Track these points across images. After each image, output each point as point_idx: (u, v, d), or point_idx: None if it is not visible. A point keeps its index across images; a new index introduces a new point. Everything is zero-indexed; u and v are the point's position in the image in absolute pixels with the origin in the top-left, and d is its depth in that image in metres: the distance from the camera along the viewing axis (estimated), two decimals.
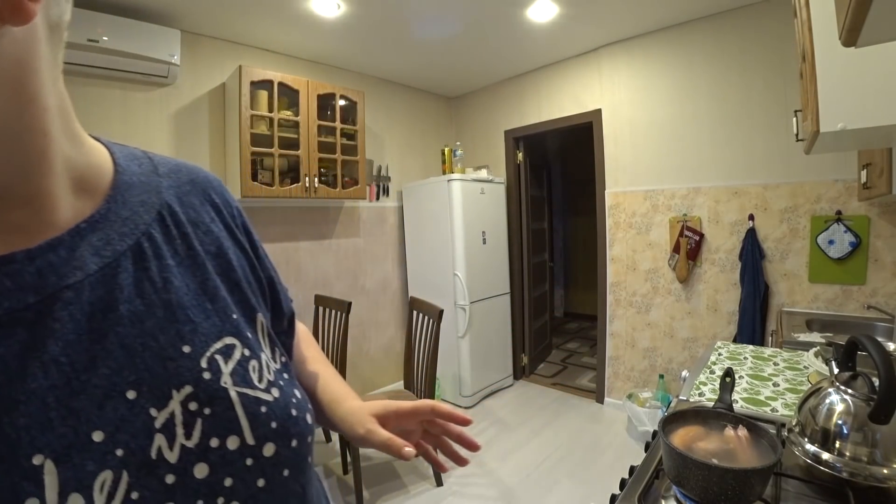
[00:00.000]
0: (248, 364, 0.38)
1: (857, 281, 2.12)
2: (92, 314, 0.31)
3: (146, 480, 0.30)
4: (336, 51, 2.88)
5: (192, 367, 0.34)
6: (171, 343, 0.34)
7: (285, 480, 0.37)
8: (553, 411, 3.07)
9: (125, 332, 0.32)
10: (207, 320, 0.37)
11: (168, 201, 0.39)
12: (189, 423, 0.33)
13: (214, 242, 0.41)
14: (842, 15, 0.54)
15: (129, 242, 0.34)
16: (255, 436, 0.35)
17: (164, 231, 0.37)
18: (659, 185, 2.76)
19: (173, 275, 0.36)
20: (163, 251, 0.36)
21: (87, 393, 0.29)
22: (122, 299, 0.32)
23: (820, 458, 0.72)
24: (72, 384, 0.29)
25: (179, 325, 0.35)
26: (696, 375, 1.34)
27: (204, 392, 0.34)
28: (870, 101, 0.90)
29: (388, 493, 2.18)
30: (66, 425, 0.28)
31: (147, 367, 0.32)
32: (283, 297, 0.49)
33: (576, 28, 2.67)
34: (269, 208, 2.78)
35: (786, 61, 2.24)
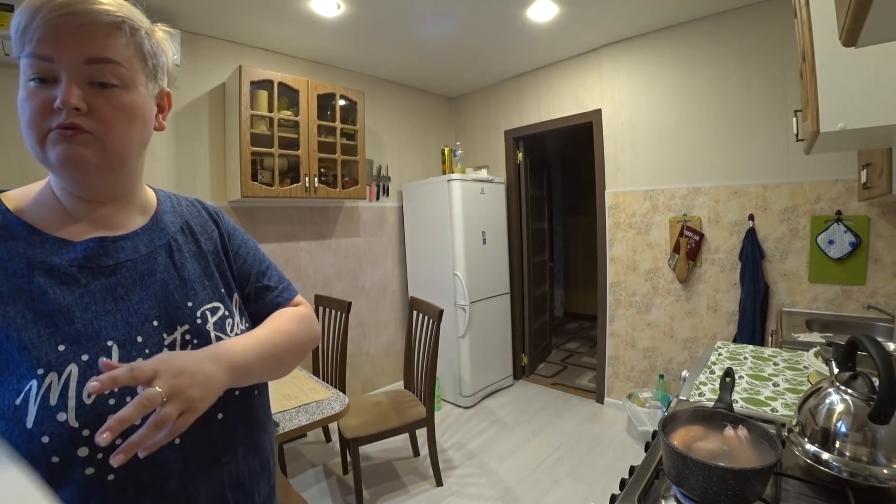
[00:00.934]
0: (226, 321, 0.62)
1: (857, 281, 2.12)
2: (142, 275, 0.57)
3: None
4: (336, 51, 2.88)
5: (191, 315, 0.59)
6: (181, 298, 0.59)
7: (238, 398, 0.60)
8: (553, 411, 3.07)
9: (160, 288, 0.57)
10: (204, 290, 0.62)
11: (187, 220, 0.66)
12: (184, 346, 0.57)
13: (213, 246, 0.68)
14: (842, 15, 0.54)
15: (163, 241, 0.61)
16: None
17: (184, 238, 0.64)
18: (659, 185, 2.76)
19: (188, 262, 0.62)
20: (182, 249, 0.63)
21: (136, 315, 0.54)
22: (158, 271, 0.58)
23: (820, 458, 0.71)
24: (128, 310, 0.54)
25: (187, 290, 0.60)
26: (696, 375, 1.34)
27: (195, 330, 0.58)
28: (870, 101, 0.90)
29: (387, 492, 2.18)
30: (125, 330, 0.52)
31: (166, 309, 0.57)
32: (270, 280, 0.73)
33: (576, 28, 2.67)
34: (269, 208, 2.78)
35: (786, 61, 2.24)
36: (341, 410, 1.54)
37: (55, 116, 0.48)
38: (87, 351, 0.48)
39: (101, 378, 0.41)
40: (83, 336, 0.49)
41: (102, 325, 0.51)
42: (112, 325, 0.51)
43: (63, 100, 0.47)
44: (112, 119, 0.50)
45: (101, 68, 0.49)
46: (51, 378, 0.45)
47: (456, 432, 2.82)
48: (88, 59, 0.48)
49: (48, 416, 0.44)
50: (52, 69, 0.47)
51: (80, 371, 0.47)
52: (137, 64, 0.54)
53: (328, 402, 1.59)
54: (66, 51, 0.47)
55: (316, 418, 1.48)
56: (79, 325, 0.49)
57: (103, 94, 0.50)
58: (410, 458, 2.50)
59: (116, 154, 0.52)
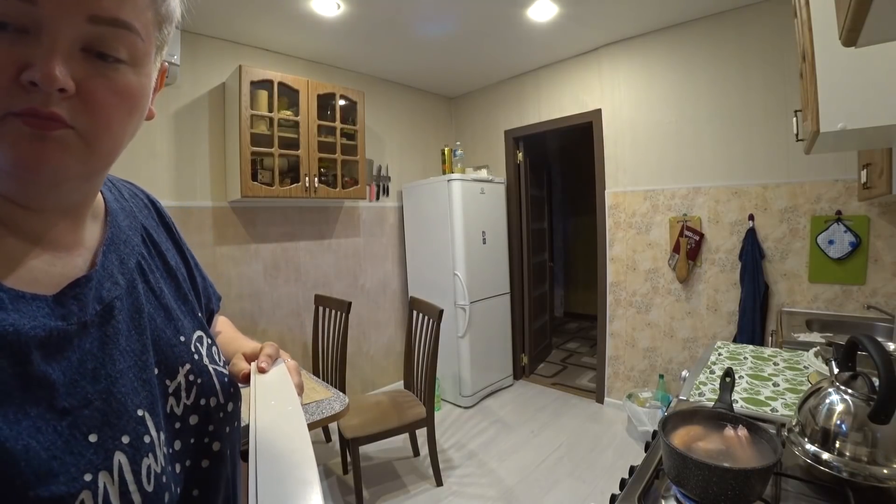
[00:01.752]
0: (212, 349, 0.52)
1: (857, 281, 2.12)
2: (132, 315, 0.42)
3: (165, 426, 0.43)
4: (336, 51, 2.88)
5: (186, 352, 0.47)
6: (173, 334, 0.47)
7: (237, 429, 0.53)
8: (553, 411, 3.07)
9: (151, 326, 0.44)
10: (185, 318, 0.50)
11: (143, 224, 0.50)
12: (189, 388, 0.46)
13: (174, 256, 0.53)
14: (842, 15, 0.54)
15: (134, 262, 0.45)
16: (224, 397, 0.50)
17: (148, 251, 0.49)
18: (659, 184, 2.76)
19: (163, 283, 0.49)
20: (152, 266, 0.48)
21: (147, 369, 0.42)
22: (143, 304, 0.44)
23: (820, 458, 0.72)
24: (138, 363, 0.41)
25: (174, 322, 0.47)
26: (696, 375, 1.34)
27: (196, 367, 0.48)
28: (870, 101, 0.90)
29: (387, 492, 2.18)
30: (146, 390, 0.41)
31: (163, 351, 0.45)
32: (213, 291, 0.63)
33: (576, 28, 2.67)
34: (269, 208, 2.78)
35: (786, 61, 2.24)
36: (341, 410, 1.54)
37: (20, 93, 0.30)
38: (125, 431, 0.37)
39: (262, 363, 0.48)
40: (111, 414, 0.36)
41: (123, 391, 0.38)
42: (130, 387, 0.39)
43: (45, 74, 0.29)
44: (109, 110, 0.34)
45: (109, 33, 0.32)
46: (103, 479, 0.34)
47: (456, 432, 2.82)
48: (93, 17, 0.31)
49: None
50: (31, 14, 0.29)
51: (129, 458, 0.36)
52: (153, 32, 0.37)
53: (328, 402, 1.59)
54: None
55: (316, 418, 1.48)
56: (97, 402, 0.36)
57: (103, 72, 0.33)
58: (410, 458, 2.50)
59: (103, 159, 0.36)
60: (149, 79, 0.38)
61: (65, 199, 0.38)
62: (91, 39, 0.32)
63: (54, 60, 0.30)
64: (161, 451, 0.40)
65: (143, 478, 0.37)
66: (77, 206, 0.40)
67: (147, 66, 0.37)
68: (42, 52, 0.30)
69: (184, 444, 0.45)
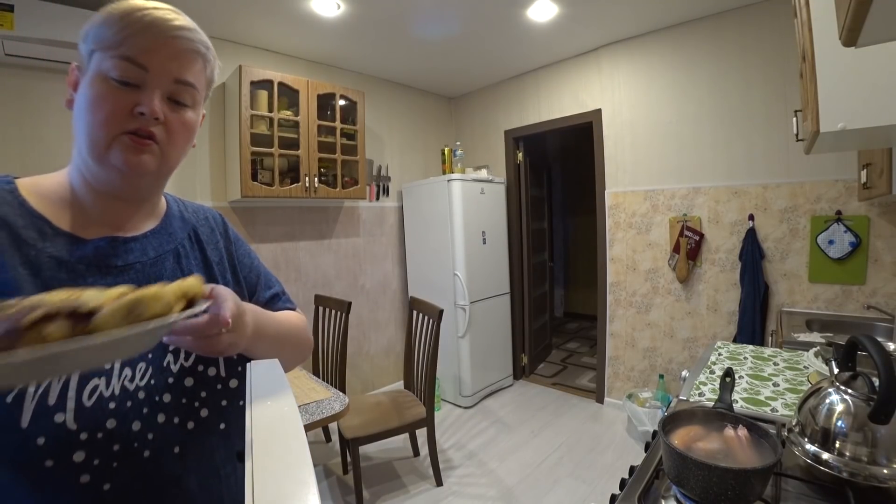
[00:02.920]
0: None
1: (857, 281, 2.12)
2: (155, 277, 0.56)
3: (158, 375, 0.53)
4: (336, 51, 2.88)
5: None
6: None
7: (240, 408, 0.58)
8: (553, 411, 3.07)
9: None
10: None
11: (195, 227, 0.67)
12: (188, 352, 0.56)
13: (219, 256, 0.68)
14: (842, 15, 0.54)
15: (171, 247, 0.61)
16: (226, 371, 0.58)
17: (191, 245, 0.64)
18: (659, 185, 2.76)
19: (193, 268, 0.62)
20: (189, 256, 0.63)
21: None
22: (164, 276, 0.57)
23: (820, 458, 0.71)
24: None
25: None
26: (696, 375, 1.34)
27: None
28: (870, 101, 0.90)
29: (387, 492, 2.18)
30: None
31: None
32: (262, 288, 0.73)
33: (576, 28, 2.67)
34: (269, 208, 2.78)
35: (786, 61, 2.24)
36: (341, 410, 1.54)
37: (131, 120, 0.49)
38: None
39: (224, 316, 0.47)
40: None
41: None
42: None
43: (150, 109, 0.49)
44: (178, 134, 0.54)
45: (183, 89, 0.53)
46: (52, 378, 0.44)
47: (456, 432, 2.82)
48: (177, 80, 0.52)
49: (45, 416, 0.43)
50: (142, 77, 0.49)
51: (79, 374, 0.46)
52: (203, 89, 0.58)
53: (328, 402, 1.59)
54: (163, 67, 0.50)
55: (316, 418, 1.48)
56: None
57: (176, 111, 0.53)
58: (410, 458, 2.50)
59: (170, 166, 0.55)
60: (198, 117, 0.58)
61: (142, 193, 0.57)
62: (174, 92, 0.53)
63: (155, 101, 0.50)
64: (120, 383, 0.49)
65: (86, 392, 0.46)
66: (144, 200, 0.59)
67: (198, 109, 0.58)
68: (147, 97, 0.50)
69: (174, 399, 0.53)
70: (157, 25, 0.49)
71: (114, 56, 0.48)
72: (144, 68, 0.49)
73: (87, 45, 0.50)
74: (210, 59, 0.57)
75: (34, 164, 2.00)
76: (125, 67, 0.48)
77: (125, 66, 0.48)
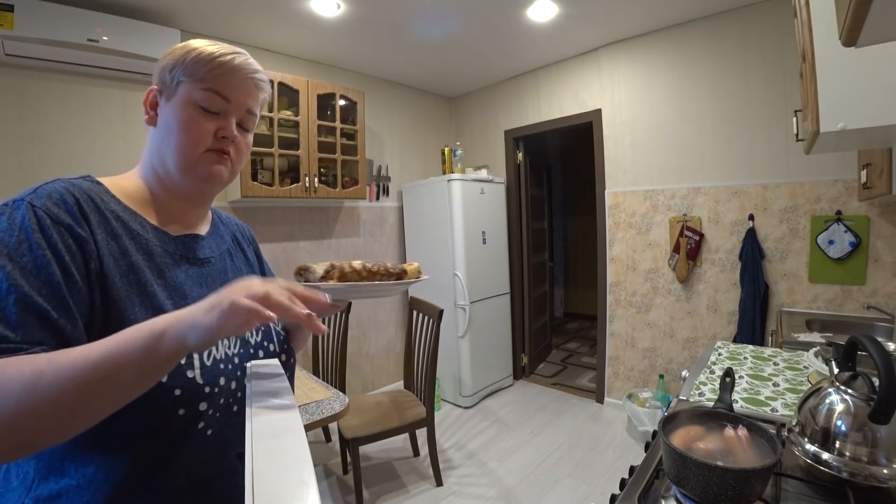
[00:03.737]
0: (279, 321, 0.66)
1: (857, 281, 2.12)
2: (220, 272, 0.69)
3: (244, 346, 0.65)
4: (336, 51, 2.88)
5: None
6: None
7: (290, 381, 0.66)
8: (553, 411, 3.07)
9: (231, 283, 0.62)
10: None
11: (234, 233, 0.80)
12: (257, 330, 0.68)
13: (253, 259, 0.82)
14: (842, 15, 0.54)
15: (226, 247, 0.74)
16: (278, 347, 0.71)
17: (235, 247, 0.77)
18: (659, 185, 2.76)
19: (242, 266, 0.76)
20: (237, 255, 0.76)
21: None
22: (228, 269, 0.71)
23: (820, 458, 0.71)
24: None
25: None
26: (696, 375, 1.34)
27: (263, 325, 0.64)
28: (870, 101, 0.90)
29: (387, 492, 2.18)
30: None
31: None
32: None
33: (576, 28, 2.67)
34: (269, 208, 2.78)
35: (786, 61, 2.24)
36: (341, 410, 1.54)
37: (214, 140, 0.62)
38: None
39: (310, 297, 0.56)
40: None
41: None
42: None
43: (230, 133, 0.62)
44: (242, 152, 0.67)
45: (250, 118, 0.66)
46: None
47: (456, 432, 2.82)
48: (249, 110, 0.65)
49: (179, 372, 0.53)
50: (223, 107, 0.62)
51: None
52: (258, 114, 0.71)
53: (328, 402, 1.59)
54: (241, 100, 0.63)
55: (316, 418, 1.48)
56: (191, 300, 0.56)
57: (243, 134, 0.66)
58: (410, 458, 2.50)
59: (234, 176, 0.68)
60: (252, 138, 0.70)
61: (209, 198, 0.69)
62: (244, 120, 0.65)
63: (232, 127, 0.63)
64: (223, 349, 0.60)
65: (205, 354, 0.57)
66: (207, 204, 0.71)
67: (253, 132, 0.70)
68: (229, 123, 0.62)
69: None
70: (243, 69, 0.62)
71: (204, 88, 0.60)
72: (228, 100, 0.62)
73: (174, 74, 0.60)
74: (268, 91, 0.69)
75: (33, 163, 2.00)
76: (214, 99, 0.61)
77: (214, 99, 0.61)
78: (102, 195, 0.57)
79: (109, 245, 0.54)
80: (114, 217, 0.56)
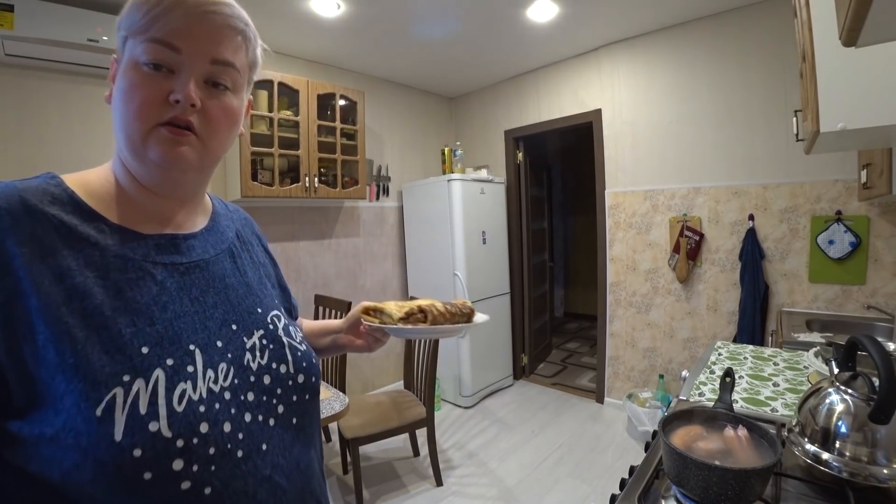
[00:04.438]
0: (290, 327, 0.61)
1: (857, 281, 2.12)
2: (216, 277, 0.55)
3: (240, 374, 0.50)
4: (336, 51, 2.88)
5: (262, 321, 0.56)
6: (251, 305, 0.57)
7: (307, 402, 0.58)
8: (553, 411, 3.07)
9: (231, 293, 0.55)
10: (266, 298, 0.61)
11: (237, 227, 0.65)
12: (262, 350, 0.54)
13: (260, 257, 0.67)
14: (842, 15, 0.54)
15: (225, 246, 0.60)
16: (294, 367, 0.56)
17: (240, 243, 0.63)
18: (659, 185, 2.76)
19: (247, 268, 0.61)
20: (241, 255, 0.62)
21: (212, 320, 0.51)
22: (227, 275, 0.56)
23: (820, 458, 0.71)
24: (204, 313, 0.50)
25: (253, 297, 0.58)
26: (696, 375, 1.34)
27: (269, 335, 0.56)
28: (870, 101, 0.90)
29: (387, 492, 2.18)
30: (204, 334, 0.49)
31: (241, 314, 0.54)
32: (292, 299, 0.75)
33: (576, 28, 2.67)
34: (269, 208, 2.78)
35: (786, 61, 2.24)
36: (341, 410, 1.54)
37: (167, 109, 0.46)
38: (170, 355, 0.44)
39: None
40: (165, 338, 0.45)
41: (182, 326, 0.47)
42: (191, 327, 0.48)
43: (185, 94, 0.45)
44: (218, 121, 0.50)
45: (221, 70, 0.49)
46: (138, 385, 0.41)
47: (456, 432, 2.82)
48: (214, 60, 0.48)
49: (139, 426, 0.40)
50: (175, 60, 0.45)
51: (166, 377, 0.43)
52: (245, 71, 0.53)
53: (328, 402, 1.59)
54: (198, 47, 0.46)
55: None
56: (159, 326, 0.45)
57: (216, 95, 0.49)
58: (410, 458, 2.50)
59: (213, 157, 0.52)
60: (241, 102, 0.54)
61: (184, 190, 0.54)
62: (210, 74, 0.48)
63: (189, 86, 0.46)
64: (206, 385, 0.46)
65: (175, 397, 0.43)
66: (191, 197, 0.56)
67: (241, 94, 0.54)
68: (182, 82, 0.46)
69: (256, 398, 0.51)
70: (196, 5, 0.45)
71: (144, 40, 0.45)
72: (176, 50, 0.45)
73: (120, 32, 0.47)
74: (250, 36, 0.52)
75: (34, 163, 2.00)
76: (155, 50, 0.45)
77: (155, 49, 0.44)
78: (49, 197, 0.44)
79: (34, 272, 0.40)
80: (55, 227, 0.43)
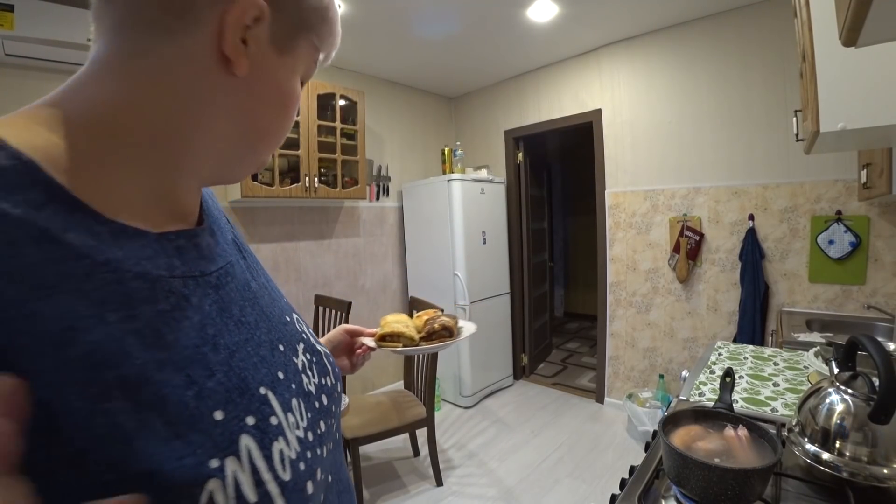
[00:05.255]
0: (309, 330, 0.50)
1: (857, 281, 2.12)
2: (243, 285, 0.40)
3: (308, 404, 0.40)
4: (336, 51, 2.87)
5: (296, 331, 0.45)
6: (280, 313, 0.44)
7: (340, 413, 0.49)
8: (553, 411, 3.07)
9: (261, 302, 0.41)
10: (282, 299, 0.48)
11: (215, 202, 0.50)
12: (311, 367, 0.44)
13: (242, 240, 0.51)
14: (842, 15, 0.54)
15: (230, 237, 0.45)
16: (335, 376, 0.49)
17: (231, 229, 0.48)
18: (659, 184, 2.76)
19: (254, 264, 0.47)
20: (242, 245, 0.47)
21: (263, 345, 0.38)
22: (248, 278, 0.42)
23: (820, 458, 0.72)
24: (254, 338, 0.37)
25: (277, 304, 0.45)
26: (696, 375, 1.34)
27: (308, 346, 0.46)
28: (870, 101, 0.90)
29: (387, 492, 2.18)
30: (265, 368, 0.36)
31: (279, 329, 0.42)
32: None
33: (576, 28, 2.67)
34: (269, 208, 2.78)
35: (786, 61, 2.24)
36: (342, 410, 1.54)
37: None
38: (248, 411, 0.32)
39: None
40: (233, 390, 0.32)
41: (242, 366, 0.34)
42: (250, 363, 0.35)
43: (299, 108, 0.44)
44: None
45: None
46: (232, 467, 0.29)
47: (456, 432, 2.82)
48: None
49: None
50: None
51: (257, 442, 0.31)
52: None
53: None
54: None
55: None
56: (220, 374, 0.31)
57: None
58: (410, 458, 2.50)
59: None
60: None
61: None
62: None
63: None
64: (293, 434, 0.35)
65: (277, 464, 0.32)
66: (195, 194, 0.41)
67: None
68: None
69: (326, 426, 0.42)
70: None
71: (317, 51, 0.42)
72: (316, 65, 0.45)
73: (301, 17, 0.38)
74: None
75: None
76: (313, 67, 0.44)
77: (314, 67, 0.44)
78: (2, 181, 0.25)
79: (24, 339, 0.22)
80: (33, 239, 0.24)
